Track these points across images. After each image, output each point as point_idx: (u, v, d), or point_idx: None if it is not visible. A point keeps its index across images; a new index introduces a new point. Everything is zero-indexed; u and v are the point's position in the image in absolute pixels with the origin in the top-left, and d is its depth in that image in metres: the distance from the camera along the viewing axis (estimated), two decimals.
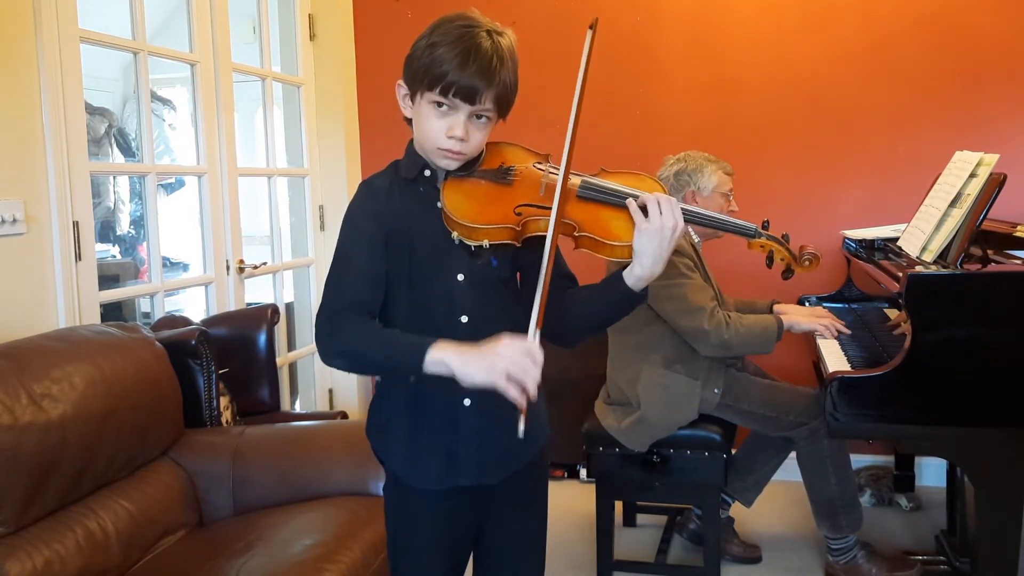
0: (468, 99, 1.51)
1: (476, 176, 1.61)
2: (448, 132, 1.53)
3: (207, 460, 2.55)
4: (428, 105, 1.53)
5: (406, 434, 1.64)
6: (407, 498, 1.68)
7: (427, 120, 1.54)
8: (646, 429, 2.86)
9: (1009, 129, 3.62)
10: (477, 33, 1.51)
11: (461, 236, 1.57)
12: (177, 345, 2.60)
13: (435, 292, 1.60)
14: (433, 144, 1.55)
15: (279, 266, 3.85)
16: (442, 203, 1.57)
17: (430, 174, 1.62)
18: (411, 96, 1.57)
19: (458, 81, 1.49)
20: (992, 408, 2.30)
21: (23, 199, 2.47)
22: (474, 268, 1.61)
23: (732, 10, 3.83)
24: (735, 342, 2.79)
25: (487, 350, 1.43)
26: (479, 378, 1.42)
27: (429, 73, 1.50)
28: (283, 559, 2.13)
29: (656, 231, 1.51)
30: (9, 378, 2.01)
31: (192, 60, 3.28)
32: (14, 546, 1.95)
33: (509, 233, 1.57)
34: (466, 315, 1.60)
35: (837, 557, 2.94)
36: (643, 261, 1.53)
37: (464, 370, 1.43)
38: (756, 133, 3.85)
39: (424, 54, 1.51)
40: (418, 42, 1.55)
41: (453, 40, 1.50)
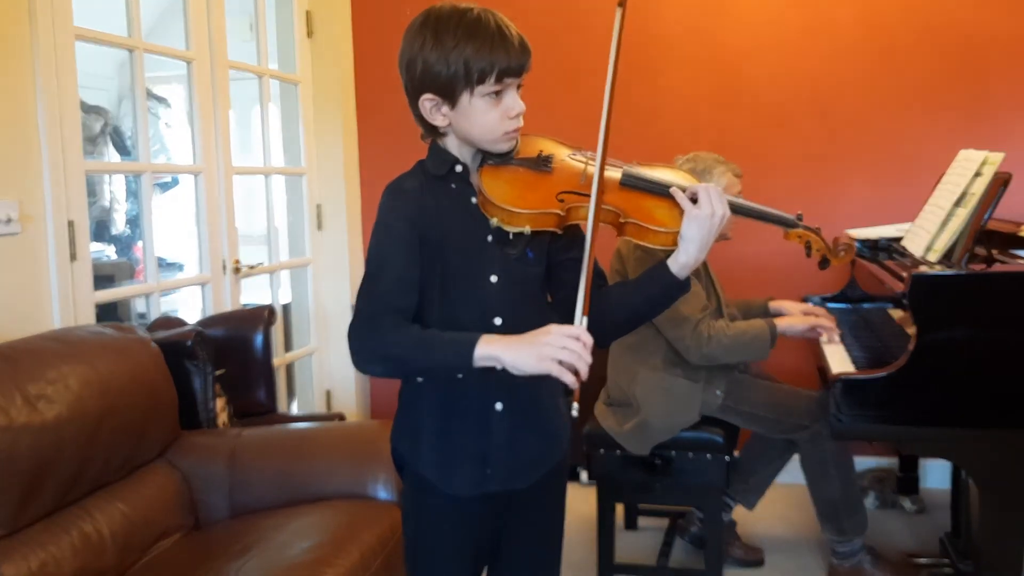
0: (519, 74, 1.53)
1: (514, 164, 1.61)
2: (509, 113, 1.54)
3: (203, 462, 2.54)
4: (482, 99, 1.52)
5: (439, 439, 1.62)
6: (432, 503, 1.66)
7: (483, 114, 1.54)
8: (648, 433, 2.84)
9: (1014, 128, 3.62)
10: (477, 13, 1.52)
11: (501, 222, 1.55)
12: (173, 346, 2.58)
13: (468, 294, 1.58)
14: (496, 133, 1.56)
15: (276, 266, 3.83)
16: (481, 188, 1.56)
17: (462, 170, 1.61)
18: (448, 103, 1.54)
19: (509, 62, 1.51)
20: (997, 409, 2.28)
21: (18, 198, 2.44)
22: (508, 267, 1.60)
23: (735, 10, 3.82)
24: (718, 354, 2.76)
25: (535, 338, 1.44)
26: (531, 366, 1.43)
27: (473, 69, 1.49)
28: (280, 562, 2.12)
29: (706, 218, 1.55)
30: (4, 379, 2.00)
31: (188, 57, 3.26)
32: (9, 548, 1.94)
33: (553, 219, 1.57)
34: (500, 317, 1.59)
35: (842, 560, 2.92)
36: (689, 248, 1.56)
37: (515, 360, 1.44)
38: (759, 132, 3.84)
39: (453, 57, 1.49)
40: (423, 53, 1.51)
41: (471, 31, 1.50)
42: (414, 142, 4.29)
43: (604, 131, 1.56)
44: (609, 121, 1.57)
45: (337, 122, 4.05)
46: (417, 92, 1.55)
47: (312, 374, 4.11)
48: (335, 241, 4.12)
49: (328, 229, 4.12)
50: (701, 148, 2.99)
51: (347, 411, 4.05)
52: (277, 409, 3.20)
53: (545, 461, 1.70)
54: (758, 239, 3.80)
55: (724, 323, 2.80)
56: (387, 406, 4.32)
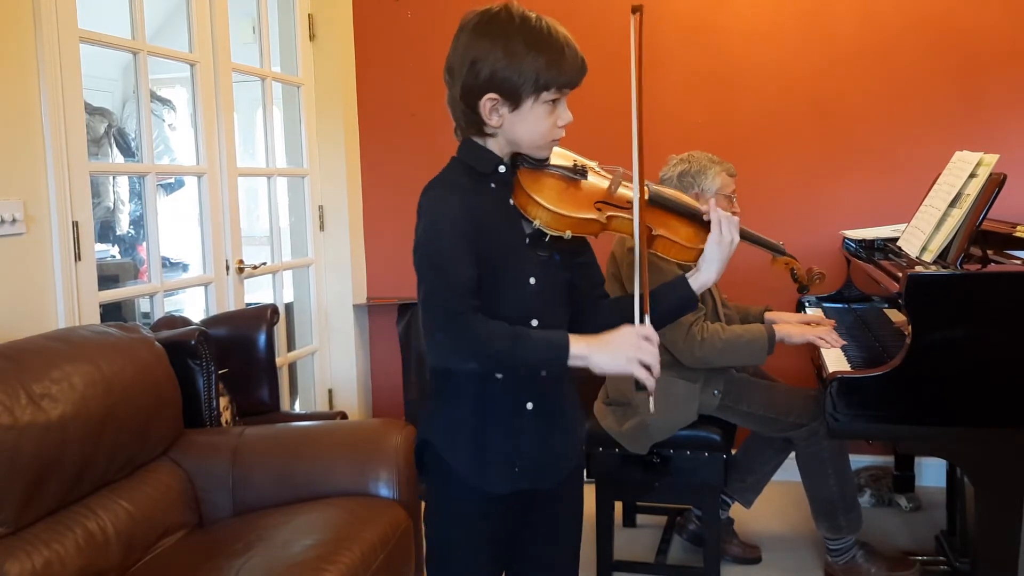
0: (576, 86, 1.60)
1: (551, 169, 1.65)
2: (561, 122, 1.60)
3: (207, 460, 2.55)
4: (543, 106, 1.57)
5: (477, 436, 1.64)
6: (462, 500, 1.68)
7: (540, 120, 1.58)
8: (647, 432, 2.86)
9: (1009, 129, 3.62)
10: (547, 24, 1.56)
11: (544, 223, 1.59)
12: (177, 345, 2.60)
13: (509, 295, 1.61)
14: (544, 139, 1.61)
15: (279, 266, 3.86)
16: (524, 189, 1.59)
17: (504, 171, 1.63)
18: (510, 105, 1.57)
19: (572, 75, 1.57)
20: (992, 408, 2.30)
21: (22, 199, 2.47)
22: (544, 269, 1.64)
23: (732, 9, 3.83)
24: (712, 357, 2.77)
25: (616, 340, 1.53)
26: (618, 366, 1.53)
27: (542, 78, 1.54)
28: (283, 559, 2.13)
29: (727, 244, 1.68)
30: (9, 378, 2.01)
31: (192, 60, 3.28)
32: (13, 546, 1.95)
33: (596, 226, 1.63)
34: (536, 319, 1.63)
35: (836, 557, 2.94)
36: (711, 268, 1.69)
37: (601, 361, 1.53)
38: (755, 133, 3.85)
39: (525, 66, 1.53)
40: (492, 56, 1.54)
41: (543, 42, 1.54)
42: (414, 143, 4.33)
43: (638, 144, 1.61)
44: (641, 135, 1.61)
45: (339, 124, 4.07)
46: (480, 91, 1.56)
47: (314, 373, 4.13)
48: (337, 242, 4.14)
49: (330, 230, 4.15)
50: (697, 148, 3.00)
51: (349, 410, 4.07)
52: (280, 408, 3.22)
53: (569, 460, 1.75)
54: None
55: (719, 326, 2.80)
56: (388, 405, 4.34)
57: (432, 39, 4.07)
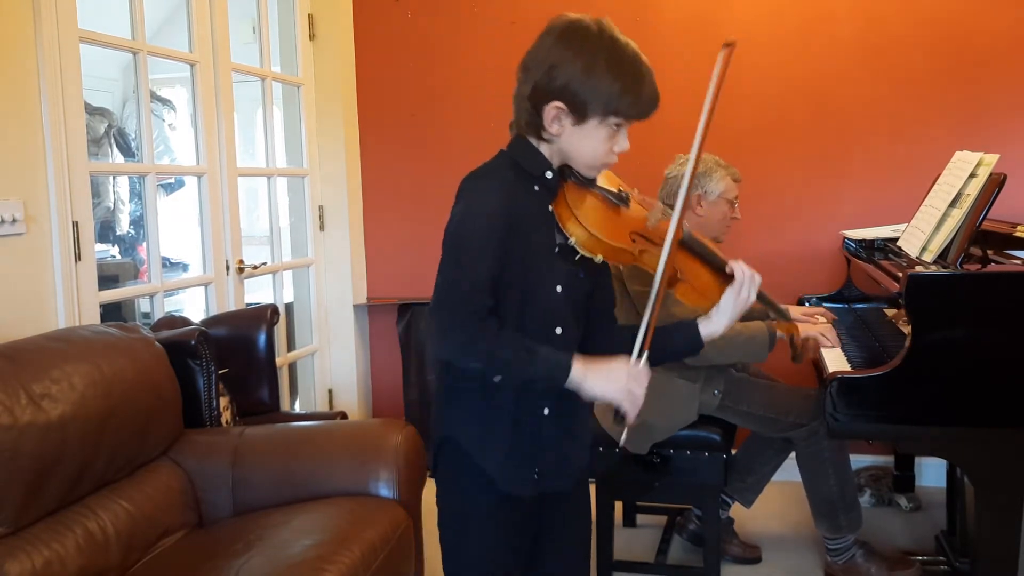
0: (644, 119, 1.61)
1: (597, 190, 1.65)
2: (618, 148, 1.61)
3: (207, 460, 2.55)
4: (604, 128, 1.58)
5: (504, 438, 1.65)
6: (485, 501, 1.68)
7: (597, 141, 1.58)
8: (646, 432, 2.86)
9: (1009, 129, 3.62)
10: (634, 51, 1.56)
11: (579, 242, 1.59)
12: (177, 345, 2.60)
13: (539, 300, 1.62)
14: (599, 161, 1.61)
15: (279, 266, 3.86)
16: (568, 203, 1.59)
17: (551, 177, 1.63)
18: (575, 119, 1.57)
19: (645, 109, 1.59)
20: (992, 408, 2.30)
21: (23, 199, 2.47)
22: (569, 280, 1.65)
23: (731, 10, 3.83)
24: (713, 355, 2.74)
25: (611, 370, 1.58)
26: (609, 395, 1.57)
27: (615, 103, 1.55)
28: (283, 559, 2.13)
29: (743, 301, 1.70)
30: (9, 378, 2.01)
31: (192, 60, 3.28)
32: (14, 546, 1.95)
33: (628, 257, 1.63)
34: (560, 327, 1.64)
35: (836, 557, 2.94)
36: (722, 320, 1.71)
37: (594, 389, 1.57)
38: (756, 133, 3.85)
39: (602, 87, 1.53)
40: (572, 67, 1.53)
41: (627, 69, 1.55)
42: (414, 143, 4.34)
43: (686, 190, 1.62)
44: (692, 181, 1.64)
45: (339, 124, 4.07)
46: (549, 96, 1.56)
47: (314, 373, 4.13)
48: (337, 241, 4.14)
49: (330, 230, 4.14)
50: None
51: (349, 410, 4.07)
52: (280, 408, 3.22)
53: (581, 463, 1.77)
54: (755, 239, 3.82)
55: None
56: (388, 405, 4.34)
57: (432, 39, 4.07)
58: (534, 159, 1.62)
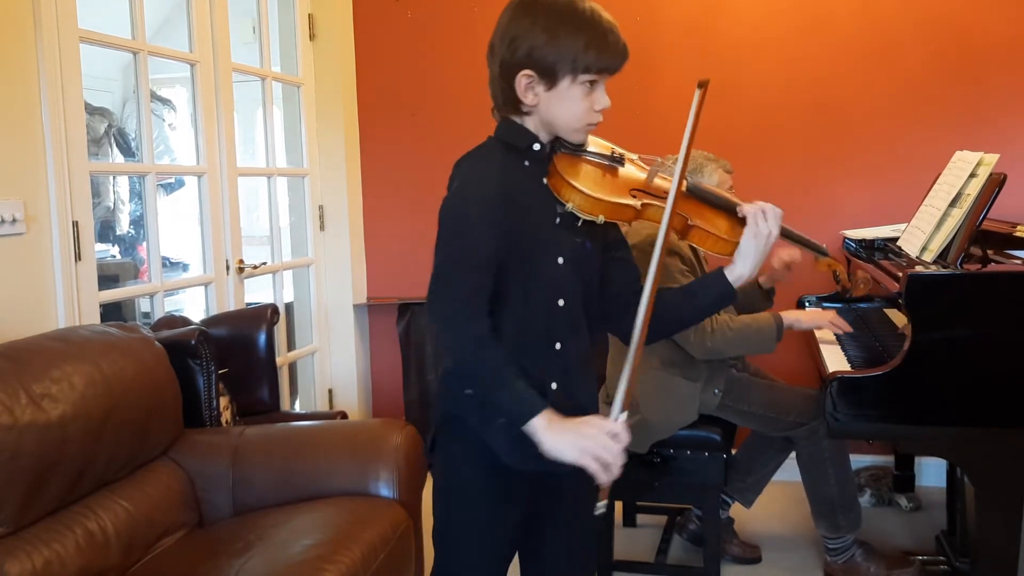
0: (615, 72, 1.59)
1: (588, 155, 1.65)
2: (597, 106, 1.60)
3: (207, 460, 2.55)
4: (578, 87, 1.57)
5: None
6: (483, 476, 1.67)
7: (574, 102, 1.58)
8: (647, 431, 2.86)
9: (1009, 129, 3.63)
10: (591, 7, 1.56)
11: (577, 206, 1.59)
12: (177, 345, 2.60)
13: (540, 273, 1.61)
14: (581, 123, 1.60)
15: (279, 266, 3.86)
16: (558, 171, 1.59)
17: (539, 148, 1.63)
18: (546, 84, 1.57)
19: (611, 60, 1.57)
20: (992, 408, 2.30)
21: (23, 199, 2.47)
22: (573, 251, 1.64)
23: (731, 9, 3.83)
24: (722, 347, 2.76)
25: (580, 429, 1.51)
26: (568, 456, 1.50)
27: (580, 59, 1.54)
28: (282, 559, 2.13)
29: (764, 236, 1.66)
30: (9, 378, 2.01)
31: (192, 60, 3.28)
32: (14, 546, 1.95)
33: (630, 212, 1.62)
34: (563, 299, 1.63)
35: (835, 557, 2.94)
36: (747, 262, 1.66)
37: (555, 447, 1.51)
38: (756, 133, 3.85)
39: (564, 45, 1.53)
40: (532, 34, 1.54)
41: (585, 23, 1.54)
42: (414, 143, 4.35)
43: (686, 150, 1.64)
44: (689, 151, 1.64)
45: (339, 124, 4.07)
46: (516, 68, 1.57)
47: (314, 373, 4.13)
48: (337, 241, 4.14)
49: (330, 229, 4.14)
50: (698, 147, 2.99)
51: (349, 410, 4.07)
52: (280, 407, 3.22)
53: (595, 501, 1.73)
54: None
55: (728, 316, 2.80)
56: (388, 405, 4.34)
57: (432, 39, 4.07)
58: (519, 134, 1.63)
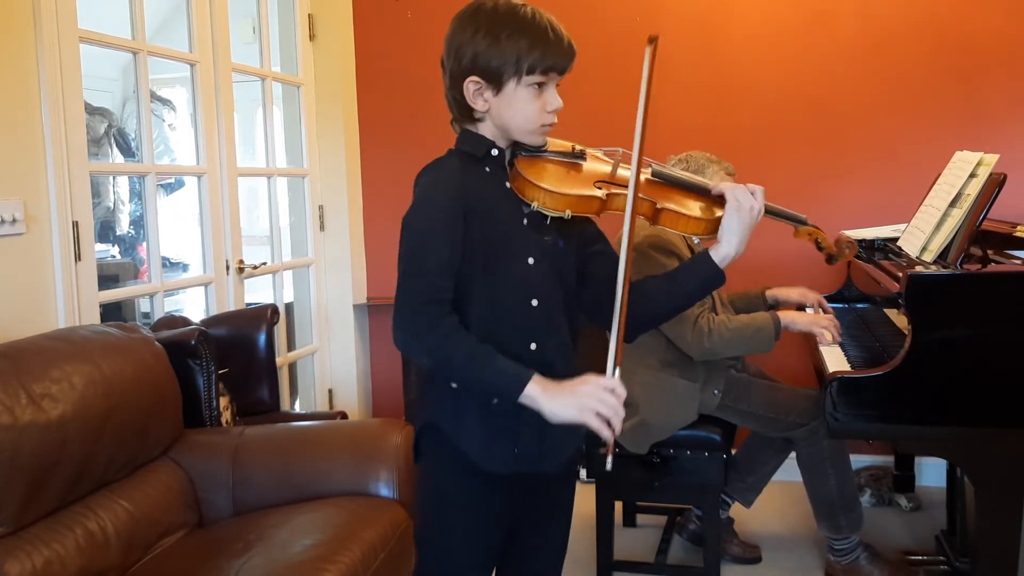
0: (563, 72, 1.60)
1: (548, 155, 1.65)
2: (549, 107, 1.60)
3: (207, 460, 2.55)
4: (526, 89, 1.57)
5: (482, 417, 1.63)
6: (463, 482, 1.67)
7: (525, 104, 1.58)
8: (647, 432, 2.86)
9: (1009, 129, 3.62)
10: (532, 9, 1.57)
11: (542, 204, 1.58)
12: (177, 345, 2.60)
13: (509, 275, 1.61)
14: (534, 124, 1.60)
15: (279, 266, 3.86)
16: (521, 172, 1.59)
17: (497, 153, 1.64)
18: (493, 88, 1.58)
19: (556, 59, 1.57)
20: (992, 408, 2.30)
21: (23, 199, 2.47)
22: (544, 251, 1.64)
23: (732, 10, 3.83)
24: (720, 348, 2.76)
25: (576, 388, 1.50)
26: (571, 416, 1.49)
27: (523, 60, 1.55)
28: (283, 559, 2.13)
29: (747, 211, 1.65)
30: (9, 378, 2.01)
31: (192, 60, 3.28)
32: (14, 546, 1.95)
33: (596, 204, 1.61)
34: (536, 299, 1.63)
35: (839, 557, 2.94)
36: (732, 239, 1.65)
37: (554, 409, 1.50)
38: (756, 133, 3.85)
39: (506, 48, 1.54)
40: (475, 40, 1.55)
41: (525, 25, 1.55)
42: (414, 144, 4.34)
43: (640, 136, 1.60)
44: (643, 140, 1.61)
45: (339, 124, 4.07)
46: (463, 75, 1.58)
47: (314, 373, 4.13)
48: (337, 241, 4.14)
49: (330, 230, 4.15)
50: (698, 148, 3.00)
51: (349, 409, 4.07)
52: (280, 407, 3.22)
53: (568, 446, 1.73)
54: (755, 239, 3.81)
55: (725, 317, 2.81)
56: (388, 405, 4.34)
57: (432, 39, 4.02)
58: (477, 142, 1.64)
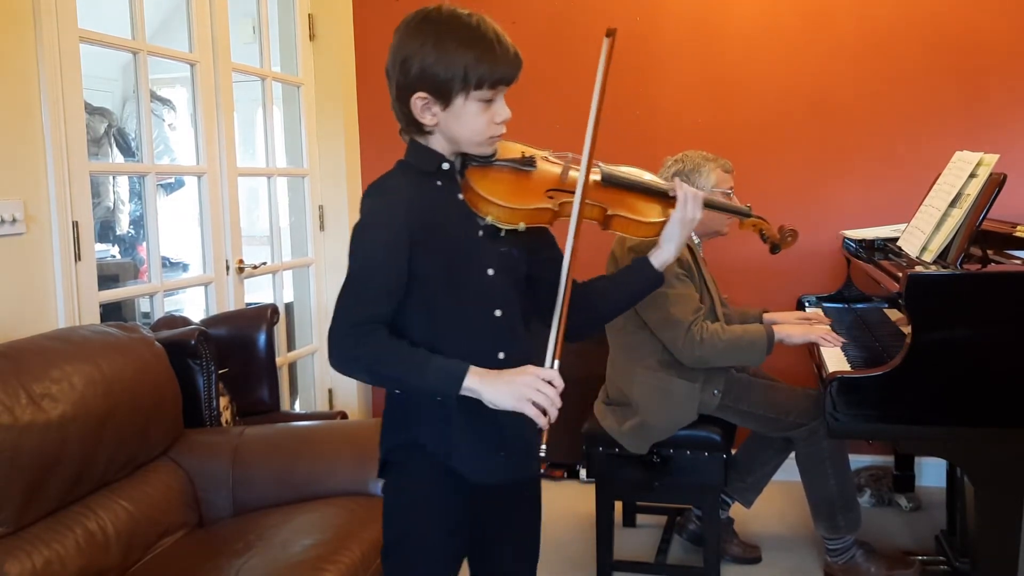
0: (511, 83, 1.59)
1: (499, 164, 1.64)
2: (498, 119, 1.59)
3: (207, 460, 2.55)
4: (475, 103, 1.56)
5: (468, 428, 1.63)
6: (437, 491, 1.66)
7: (473, 117, 1.57)
8: (647, 432, 2.86)
9: (1009, 129, 3.63)
10: (478, 20, 1.56)
11: (496, 218, 1.58)
12: (177, 345, 2.60)
13: (470, 287, 1.61)
14: (482, 136, 1.60)
15: (279, 266, 3.85)
16: (473, 187, 1.59)
17: (448, 167, 1.63)
18: (441, 103, 1.56)
19: (504, 72, 1.56)
20: (992, 408, 2.30)
21: (22, 199, 2.47)
22: (501, 260, 1.64)
23: (732, 10, 3.83)
24: (711, 357, 2.76)
25: (514, 378, 1.53)
26: (508, 404, 1.52)
27: (471, 75, 1.53)
28: (283, 559, 2.14)
29: (688, 222, 1.69)
30: (9, 378, 2.01)
31: (192, 60, 3.28)
32: (14, 546, 1.95)
33: (548, 215, 1.62)
34: (499, 309, 1.63)
35: (836, 557, 2.94)
36: (670, 246, 1.71)
37: (494, 397, 1.53)
38: (756, 133, 3.85)
39: (453, 61, 1.52)
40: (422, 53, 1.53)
41: (472, 37, 1.53)
42: None
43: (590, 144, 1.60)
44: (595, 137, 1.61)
45: (339, 124, 4.07)
46: (410, 90, 1.57)
47: (314, 373, 4.13)
48: (337, 242, 4.14)
49: (330, 230, 4.14)
50: (697, 147, 3.00)
51: (349, 410, 4.07)
52: (280, 407, 3.22)
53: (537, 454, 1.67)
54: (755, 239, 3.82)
55: (719, 326, 2.80)
56: None
57: None
58: (426, 155, 1.63)
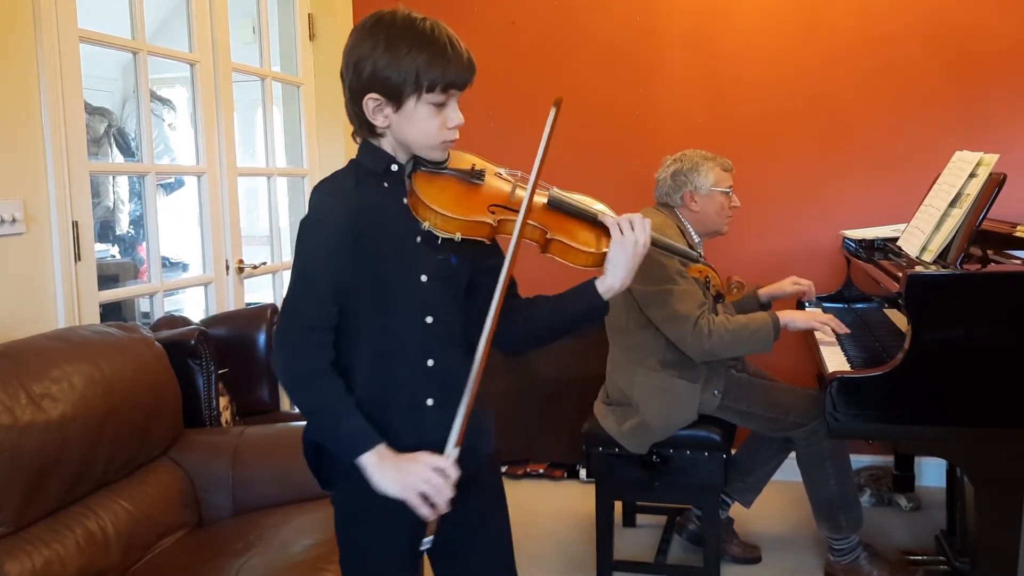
0: (463, 88, 1.58)
1: (447, 173, 1.63)
2: (450, 124, 1.58)
3: (207, 460, 2.55)
4: (426, 107, 1.56)
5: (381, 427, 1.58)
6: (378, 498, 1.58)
7: (425, 121, 1.57)
8: (646, 432, 2.86)
9: (1009, 129, 3.62)
10: (432, 24, 1.55)
11: (433, 225, 1.57)
12: (177, 345, 2.60)
13: (401, 292, 1.61)
14: (434, 140, 1.59)
15: (278, 266, 3.85)
16: (415, 191, 1.58)
17: (397, 169, 1.63)
18: (393, 105, 1.56)
19: (457, 76, 1.55)
20: (992, 408, 2.30)
21: (23, 199, 2.47)
22: (437, 268, 1.62)
23: (731, 9, 3.83)
24: (719, 349, 2.77)
25: (405, 465, 1.52)
26: (393, 491, 1.51)
27: (423, 77, 1.53)
28: (282, 560, 2.14)
29: (630, 245, 1.62)
30: (9, 378, 2.01)
31: (192, 60, 3.28)
32: (14, 546, 1.95)
33: (486, 229, 1.60)
34: (431, 316, 1.62)
35: (839, 557, 2.94)
36: (617, 272, 1.63)
37: (380, 483, 1.52)
38: (755, 133, 3.85)
39: (405, 64, 1.52)
40: (374, 55, 1.53)
41: (425, 41, 1.53)
42: None
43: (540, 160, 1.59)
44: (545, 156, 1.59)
45: (338, 124, 4.07)
46: (362, 91, 1.57)
47: None
48: None
49: None
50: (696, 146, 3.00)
51: None
52: (280, 408, 3.22)
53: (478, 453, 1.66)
54: (755, 239, 3.83)
55: (724, 318, 2.81)
56: None
57: None
58: (375, 156, 1.63)
